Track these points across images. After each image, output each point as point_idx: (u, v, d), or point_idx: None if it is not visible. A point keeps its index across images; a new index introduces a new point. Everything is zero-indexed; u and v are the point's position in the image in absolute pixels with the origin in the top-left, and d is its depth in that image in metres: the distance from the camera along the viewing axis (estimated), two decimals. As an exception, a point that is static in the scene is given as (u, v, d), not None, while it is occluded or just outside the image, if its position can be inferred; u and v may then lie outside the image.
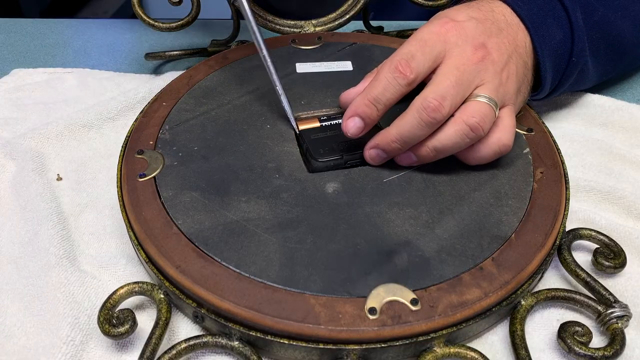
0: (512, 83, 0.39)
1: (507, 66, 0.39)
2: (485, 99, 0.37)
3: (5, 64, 0.60)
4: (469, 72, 0.37)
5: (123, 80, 0.57)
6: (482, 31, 0.39)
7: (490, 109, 0.37)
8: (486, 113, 0.36)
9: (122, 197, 0.39)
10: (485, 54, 0.38)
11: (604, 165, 0.46)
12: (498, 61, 0.38)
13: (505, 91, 0.39)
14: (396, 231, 0.35)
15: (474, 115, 0.36)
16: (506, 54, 0.39)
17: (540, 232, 0.36)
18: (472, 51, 0.38)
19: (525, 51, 0.41)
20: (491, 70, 0.38)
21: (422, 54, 0.37)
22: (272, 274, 0.33)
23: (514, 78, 0.39)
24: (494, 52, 0.38)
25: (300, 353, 0.32)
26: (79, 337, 0.34)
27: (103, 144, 0.49)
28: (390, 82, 0.37)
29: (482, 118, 0.36)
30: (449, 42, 0.38)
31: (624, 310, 0.34)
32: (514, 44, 0.40)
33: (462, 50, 0.38)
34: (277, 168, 0.40)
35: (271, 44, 0.52)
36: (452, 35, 0.38)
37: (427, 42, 0.38)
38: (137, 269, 0.38)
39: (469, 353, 0.32)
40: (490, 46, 0.39)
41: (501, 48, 0.39)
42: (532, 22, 0.42)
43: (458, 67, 0.37)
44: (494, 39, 0.39)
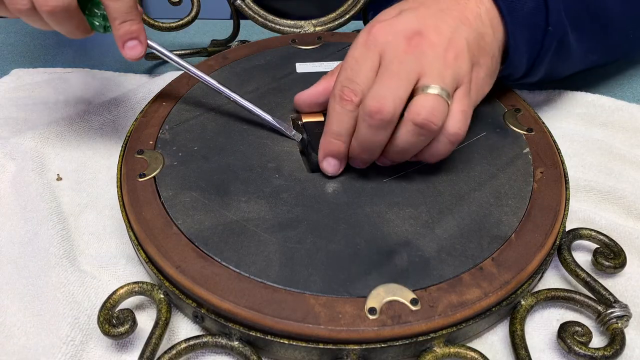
0: (463, 60, 0.36)
1: (452, 44, 0.36)
2: (431, 89, 0.35)
3: (5, 64, 0.60)
4: (405, 62, 0.35)
5: (123, 80, 0.57)
6: (415, 18, 0.37)
7: (436, 99, 0.35)
8: (433, 106, 0.34)
9: (122, 197, 0.39)
10: (419, 40, 0.36)
11: (604, 165, 0.46)
12: (438, 42, 0.36)
13: (455, 72, 0.36)
14: (396, 231, 0.35)
15: (420, 112, 0.34)
16: (449, 32, 0.37)
17: (540, 232, 0.36)
18: (405, 42, 0.36)
19: (480, 21, 0.38)
20: (431, 55, 0.35)
21: (357, 73, 0.36)
22: (272, 274, 0.33)
23: (465, 54, 0.37)
24: (431, 35, 0.36)
25: (300, 353, 0.32)
26: (79, 337, 0.34)
27: (103, 144, 0.48)
28: (341, 113, 0.36)
29: (430, 112, 0.34)
30: (379, 43, 0.36)
31: (623, 310, 0.34)
32: (460, 17, 0.38)
33: (394, 45, 0.36)
34: (277, 168, 0.40)
35: (271, 44, 0.52)
36: (380, 36, 0.36)
37: (357, 58, 0.36)
38: (137, 269, 0.38)
39: (469, 353, 0.32)
40: (426, 30, 0.36)
41: (440, 27, 0.37)
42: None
43: (392, 62, 0.35)
44: (431, 21, 0.37)
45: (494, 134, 0.42)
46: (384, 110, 0.34)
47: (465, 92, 0.37)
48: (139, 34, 0.39)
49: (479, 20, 0.39)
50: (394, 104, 0.34)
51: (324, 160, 0.38)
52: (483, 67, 0.39)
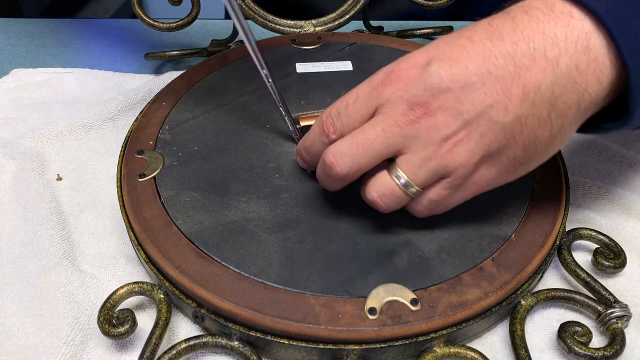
0: (461, 155, 0.30)
1: (462, 132, 0.30)
2: (393, 175, 0.31)
3: (5, 64, 0.60)
4: (388, 136, 0.31)
5: (123, 80, 0.57)
6: (440, 79, 0.30)
7: (391, 187, 0.32)
8: (385, 193, 0.32)
9: (122, 197, 0.39)
10: (420, 116, 0.30)
11: (603, 165, 0.46)
12: (442, 127, 0.30)
13: (441, 165, 0.31)
14: (396, 231, 0.35)
15: (370, 191, 0.32)
16: (470, 114, 0.29)
17: (540, 232, 0.36)
18: (403, 111, 0.30)
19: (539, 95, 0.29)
20: (422, 139, 0.30)
21: (348, 113, 0.33)
22: (272, 274, 0.33)
23: (472, 147, 0.30)
24: (439, 114, 0.30)
25: (300, 353, 0.32)
26: (78, 337, 0.34)
27: (103, 144, 0.48)
28: (316, 139, 0.35)
29: (380, 196, 0.32)
30: (383, 98, 0.31)
31: (623, 310, 0.34)
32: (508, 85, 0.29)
33: (392, 109, 0.31)
34: (277, 168, 0.40)
35: (271, 44, 0.52)
36: (390, 88, 0.31)
37: (359, 98, 0.32)
38: (137, 269, 0.38)
39: (469, 353, 0.32)
40: (437, 104, 0.30)
41: (461, 105, 0.29)
42: (614, 21, 0.28)
43: (375, 128, 0.31)
44: (456, 91, 0.29)
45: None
46: (335, 168, 0.32)
47: (452, 185, 0.32)
48: None
49: (527, 100, 0.29)
50: (350, 168, 0.32)
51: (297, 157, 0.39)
52: (503, 162, 0.31)
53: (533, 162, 0.32)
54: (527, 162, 0.32)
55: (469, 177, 0.31)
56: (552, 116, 0.30)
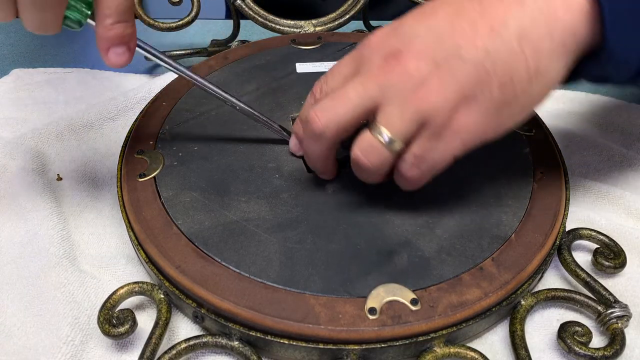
0: (438, 95, 0.30)
1: (434, 74, 0.30)
2: (376, 132, 0.31)
3: (5, 64, 0.60)
4: (365, 88, 0.31)
5: (123, 80, 0.57)
6: (412, 30, 0.31)
7: (372, 142, 0.31)
8: (367, 149, 0.32)
9: (122, 197, 0.39)
10: (394, 65, 0.30)
11: (603, 165, 0.46)
12: (414, 72, 0.30)
13: (418, 110, 0.30)
14: (396, 231, 0.35)
15: (355, 151, 0.32)
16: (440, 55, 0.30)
17: (540, 232, 0.36)
18: (379, 64, 0.31)
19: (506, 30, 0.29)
20: (397, 87, 0.30)
21: (332, 76, 0.34)
22: (272, 274, 0.33)
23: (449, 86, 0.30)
24: (411, 60, 0.30)
25: (300, 353, 0.32)
26: (79, 337, 0.34)
27: (103, 144, 0.48)
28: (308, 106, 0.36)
29: (363, 153, 0.32)
30: (361, 57, 0.33)
31: (623, 310, 0.34)
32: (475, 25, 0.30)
33: (369, 63, 0.32)
34: (277, 168, 0.40)
35: (271, 44, 0.52)
36: (366, 47, 0.33)
37: (341, 62, 0.34)
38: (137, 269, 0.38)
39: (469, 353, 0.32)
40: (408, 50, 0.30)
41: (431, 48, 0.30)
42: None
43: (353, 82, 0.32)
44: (426, 36, 0.30)
45: (494, 134, 0.42)
46: (314, 122, 0.32)
47: (433, 136, 0.31)
48: (130, 39, 0.33)
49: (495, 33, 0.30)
50: (328, 122, 0.32)
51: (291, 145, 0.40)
52: (481, 103, 0.30)
53: (515, 104, 0.31)
54: (508, 103, 0.30)
55: (448, 124, 0.30)
56: (525, 49, 0.29)
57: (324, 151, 0.34)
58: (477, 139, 0.32)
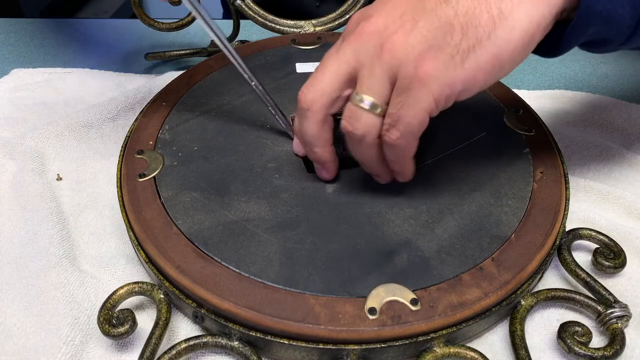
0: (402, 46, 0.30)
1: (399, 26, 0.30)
2: (355, 99, 0.32)
3: (5, 64, 0.60)
4: (341, 55, 0.32)
5: (123, 80, 0.57)
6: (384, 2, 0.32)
7: (351, 108, 0.32)
8: (348, 115, 0.32)
9: (122, 197, 0.39)
10: (363, 27, 0.32)
11: (603, 165, 0.46)
12: (382, 29, 0.31)
13: (386, 65, 0.30)
14: (396, 231, 0.35)
15: (344, 118, 0.33)
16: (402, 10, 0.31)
17: (540, 232, 0.36)
18: (352, 29, 0.33)
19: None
20: (367, 46, 0.31)
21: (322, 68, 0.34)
22: (272, 274, 0.33)
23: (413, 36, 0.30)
24: (379, 19, 0.31)
25: (300, 353, 0.32)
26: (78, 337, 0.34)
27: (103, 144, 0.48)
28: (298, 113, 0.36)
29: (346, 120, 0.33)
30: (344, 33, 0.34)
31: (623, 310, 0.34)
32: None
33: (345, 34, 0.33)
34: (277, 168, 0.40)
35: (271, 44, 0.52)
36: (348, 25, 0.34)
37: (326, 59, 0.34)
38: (137, 269, 0.38)
39: (469, 353, 0.32)
40: (378, 13, 0.32)
41: (398, 7, 0.31)
42: None
43: (331, 56, 0.33)
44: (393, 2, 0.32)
45: (494, 134, 0.42)
46: (302, 100, 0.34)
47: (403, 90, 0.30)
48: None
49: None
50: (314, 96, 0.33)
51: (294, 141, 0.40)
52: (445, 51, 0.30)
53: (480, 50, 0.30)
54: (473, 49, 0.30)
55: (414, 74, 0.30)
56: None
57: (318, 128, 0.34)
58: (445, 90, 0.30)
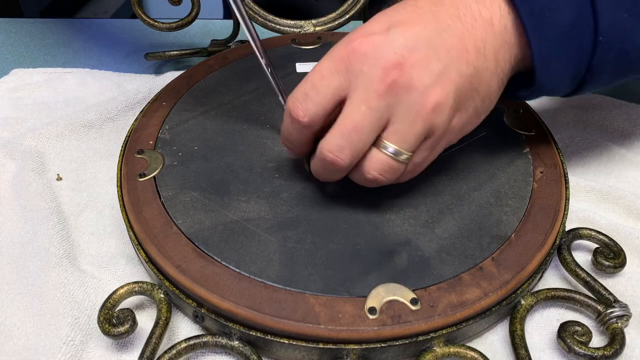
0: (442, 111, 0.31)
1: (436, 88, 0.31)
2: (388, 151, 0.32)
3: (5, 64, 0.60)
4: (373, 109, 0.31)
5: (123, 80, 0.57)
6: (403, 42, 0.31)
7: (390, 163, 0.32)
8: (384, 169, 0.32)
9: (122, 197, 0.39)
10: (397, 77, 0.30)
11: (603, 165, 0.46)
12: (419, 85, 0.30)
13: (427, 125, 0.31)
14: (396, 231, 0.35)
15: (369, 172, 0.33)
16: (437, 69, 0.31)
17: (540, 231, 0.36)
18: (380, 77, 0.30)
19: (483, 55, 0.32)
20: (405, 102, 0.31)
21: (316, 93, 0.32)
22: (272, 274, 0.33)
23: (448, 102, 0.31)
24: (414, 72, 0.30)
25: (300, 353, 0.32)
26: (79, 337, 0.34)
27: (103, 144, 0.49)
28: (290, 126, 0.34)
29: (381, 173, 0.32)
30: (352, 70, 0.31)
31: (623, 310, 0.34)
32: (458, 48, 0.31)
33: (367, 78, 0.31)
34: (277, 168, 0.40)
35: (271, 44, 0.52)
36: (356, 58, 0.31)
37: (323, 74, 0.32)
38: (137, 268, 0.38)
39: (469, 353, 0.32)
40: (409, 63, 0.30)
41: (429, 61, 0.31)
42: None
43: (358, 107, 0.31)
44: (421, 50, 0.31)
45: (494, 134, 0.43)
46: (338, 163, 0.32)
47: (432, 144, 0.33)
48: None
49: (480, 53, 0.32)
50: (351, 157, 0.32)
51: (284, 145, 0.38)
52: (469, 112, 0.33)
53: (487, 112, 0.35)
54: (485, 110, 0.34)
55: (443, 133, 0.33)
56: (498, 69, 0.33)
57: (342, 176, 0.35)
58: (457, 139, 0.35)
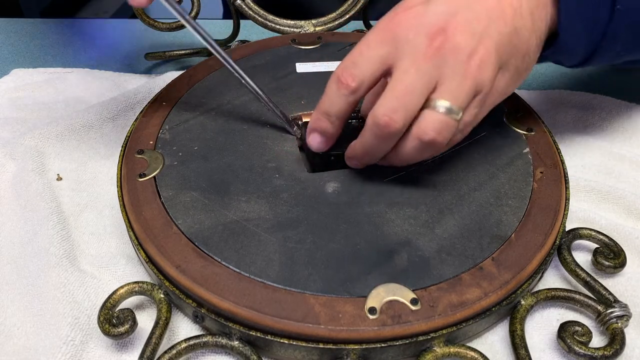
0: (487, 68, 0.33)
1: (479, 47, 0.32)
2: (442, 107, 0.32)
3: (5, 64, 0.60)
4: (423, 71, 0.32)
5: (123, 80, 0.57)
6: (443, 10, 0.33)
7: (446, 119, 0.32)
8: (441, 127, 0.33)
9: (122, 197, 0.39)
10: (443, 42, 0.32)
11: (604, 165, 0.46)
12: (463, 45, 0.32)
13: (475, 83, 0.33)
14: (396, 231, 0.35)
15: (427, 132, 0.33)
16: (478, 30, 0.33)
17: (540, 231, 0.36)
18: (426, 43, 0.32)
19: (520, 13, 0.34)
20: (452, 62, 0.32)
21: (364, 60, 0.34)
22: (272, 274, 0.33)
23: (492, 60, 0.33)
24: (457, 35, 0.32)
25: (300, 353, 0.32)
26: (79, 337, 0.34)
27: (103, 144, 0.48)
28: (335, 94, 0.35)
29: (438, 133, 0.33)
30: (398, 39, 0.33)
31: (623, 310, 0.34)
32: (495, 9, 0.33)
33: (414, 45, 0.32)
34: (277, 168, 0.40)
35: (271, 44, 0.52)
36: (401, 28, 0.33)
37: (370, 44, 0.34)
38: (137, 268, 0.38)
39: (469, 353, 0.32)
40: (452, 27, 0.32)
41: (470, 23, 0.33)
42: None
43: (408, 70, 0.32)
44: (461, 14, 0.33)
45: (494, 134, 0.42)
46: (392, 125, 0.33)
47: (480, 102, 0.34)
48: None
49: (517, 13, 0.34)
50: (405, 119, 0.33)
51: (310, 135, 0.38)
52: (510, 70, 0.35)
53: (528, 70, 0.36)
54: (526, 69, 0.36)
55: (490, 90, 0.34)
56: (535, 27, 0.35)
57: (392, 145, 0.35)
58: (501, 99, 0.36)
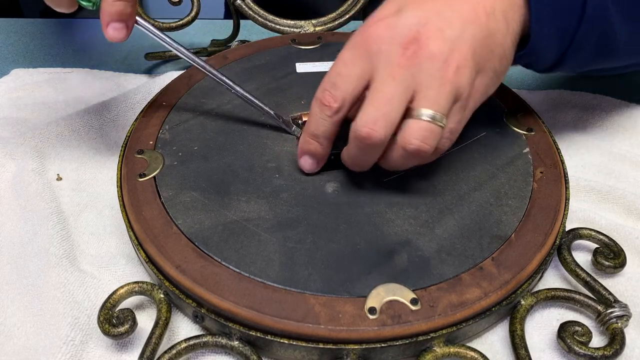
0: (464, 72, 0.33)
1: (455, 52, 0.33)
2: (424, 115, 0.32)
3: (5, 64, 0.60)
4: (399, 80, 0.32)
5: (123, 80, 0.57)
6: (415, 18, 0.33)
7: (429, 127, 0.32)
8: (425, 135, 0.32)
9: (122, 197, 0.39)
10: (416, 50, 0.32)
11: (604, 165, 0.46)
12: (438, 52, 0.32)
13: (454, 87, 0.33)
14: (396, 231, 0.35)
15: (411, 141, 0.33)
16: (452, 36, 0.33)
17: (540, 231, 0.36)
18: (400, 52, 0.32)
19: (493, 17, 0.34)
20: (428, 69, 0.32)
21: (342, 80, 0.34)
22: (272, 274, 0.33)
23: (468, 64, 0.33)
24: (430, 42, 0.32)
25: (300, 353, 0.32)
26: (79, 337, 0.34)
27: (103, 144, 0.48)
28: (319, 117, 0.35)
29: (422, 141, 0.32)
30: (372, 52, 0.33)
31: (623, 310, 0.34)
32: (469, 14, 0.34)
33: (387, 55, 0.33)
34: (277, 168, 0.40)
35: (271, 44, 0.52)
36: (374, 41, 0.33)
37: (346, 62, 0.34)
38: (137, 268, 0.38)
39: (469, 353, 0.32)
40: (425, 36, 0.32)
41: (443, 30, 0.33)
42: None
43: (385, 80, 0.32)
44: (433, 21, 0.33)
45: (494, 134, 0.43)
46: (374, 136, 0.33)
47: (461, 108, 0.34)
48: (129, 18, 0.37)
49: (491, 16, 0.34)
50: (386, 129, 0.33)
51: (300, 158, 0.38)
52: (488, 73, 0.35)
53: (505, 71, 0.37)
54: (503, 72, 0.36)
55: (470, 94, 0.34)
56: (509, 29, 0.35)
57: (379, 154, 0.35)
58: (484, 99, 0.36)
